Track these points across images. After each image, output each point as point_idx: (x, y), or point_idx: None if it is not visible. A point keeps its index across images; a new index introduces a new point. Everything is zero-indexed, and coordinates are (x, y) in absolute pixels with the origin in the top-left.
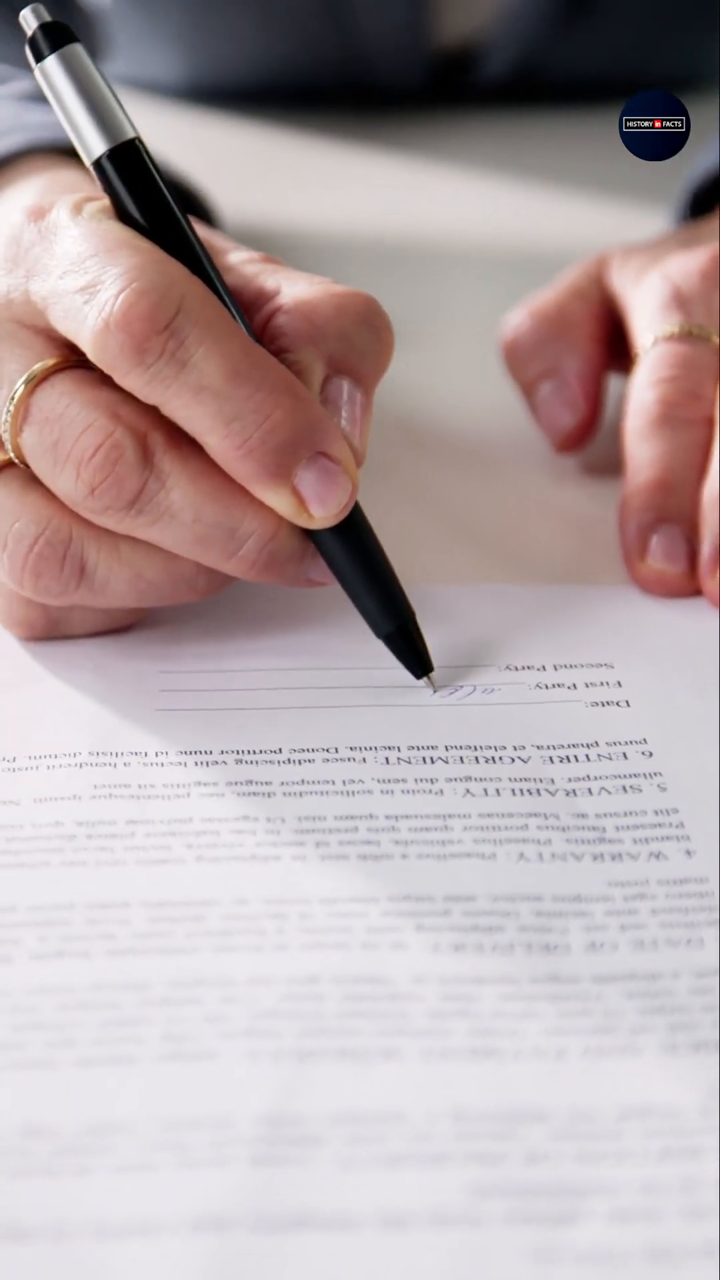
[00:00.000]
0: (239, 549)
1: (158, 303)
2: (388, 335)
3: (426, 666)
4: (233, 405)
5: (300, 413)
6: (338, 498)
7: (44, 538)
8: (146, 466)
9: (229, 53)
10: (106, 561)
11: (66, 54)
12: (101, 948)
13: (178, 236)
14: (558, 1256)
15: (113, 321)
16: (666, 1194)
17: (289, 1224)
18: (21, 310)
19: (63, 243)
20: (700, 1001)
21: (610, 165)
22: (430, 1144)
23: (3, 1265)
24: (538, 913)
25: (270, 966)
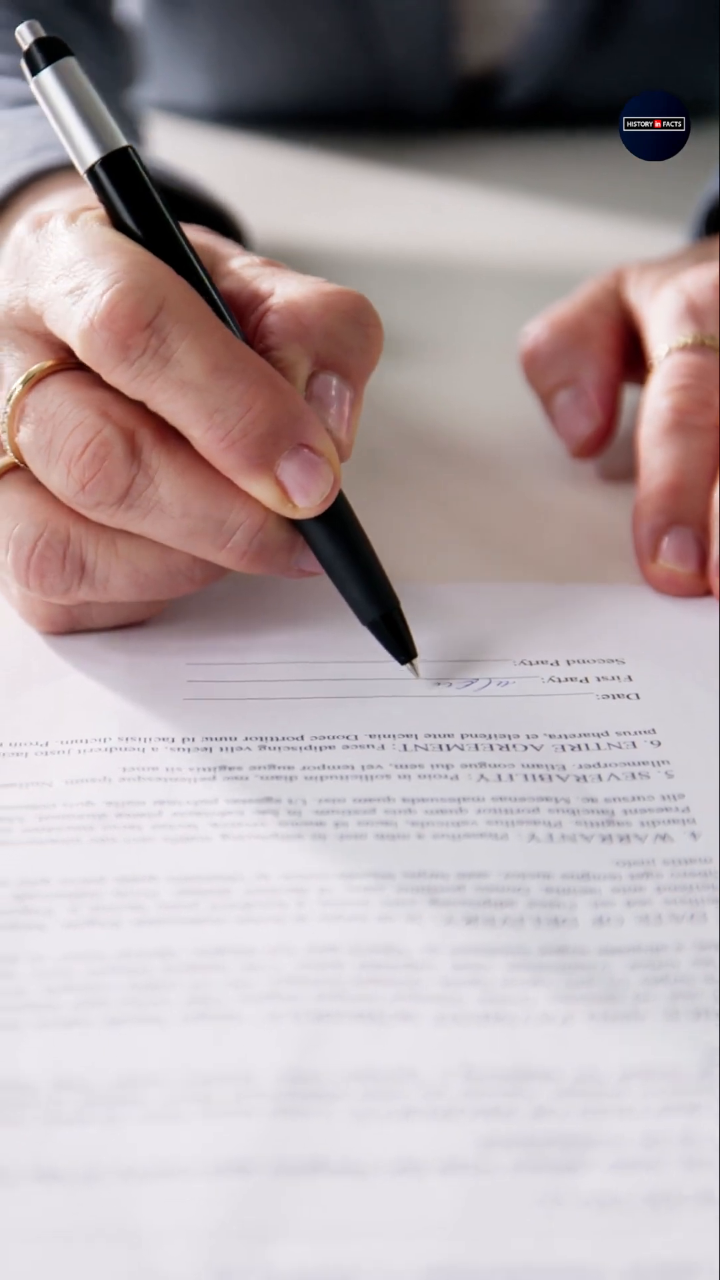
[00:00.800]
0: (229, 540)
1: (141, 300)
2: (376, 332)
3: (410, 653)
4: (215, 398)
5: (281, 405)
6: (320, 488)
7: (44, 539)
8: (134, 462)
9: (259, 76)
10: (105, 558)
11: (61, 67)
12: (130, 918)
13: (168, 240)
14: (563, 1202)
15: (97, 320)
16: (666, 1146)
17: (307, 1169)
18: (21, 316)
19: (57, 249)
20: (702, 972)
21: (628, 187)
22: (442, 1099)
23: (36, 1205)
24: (547, 889)
25: (290, 936)
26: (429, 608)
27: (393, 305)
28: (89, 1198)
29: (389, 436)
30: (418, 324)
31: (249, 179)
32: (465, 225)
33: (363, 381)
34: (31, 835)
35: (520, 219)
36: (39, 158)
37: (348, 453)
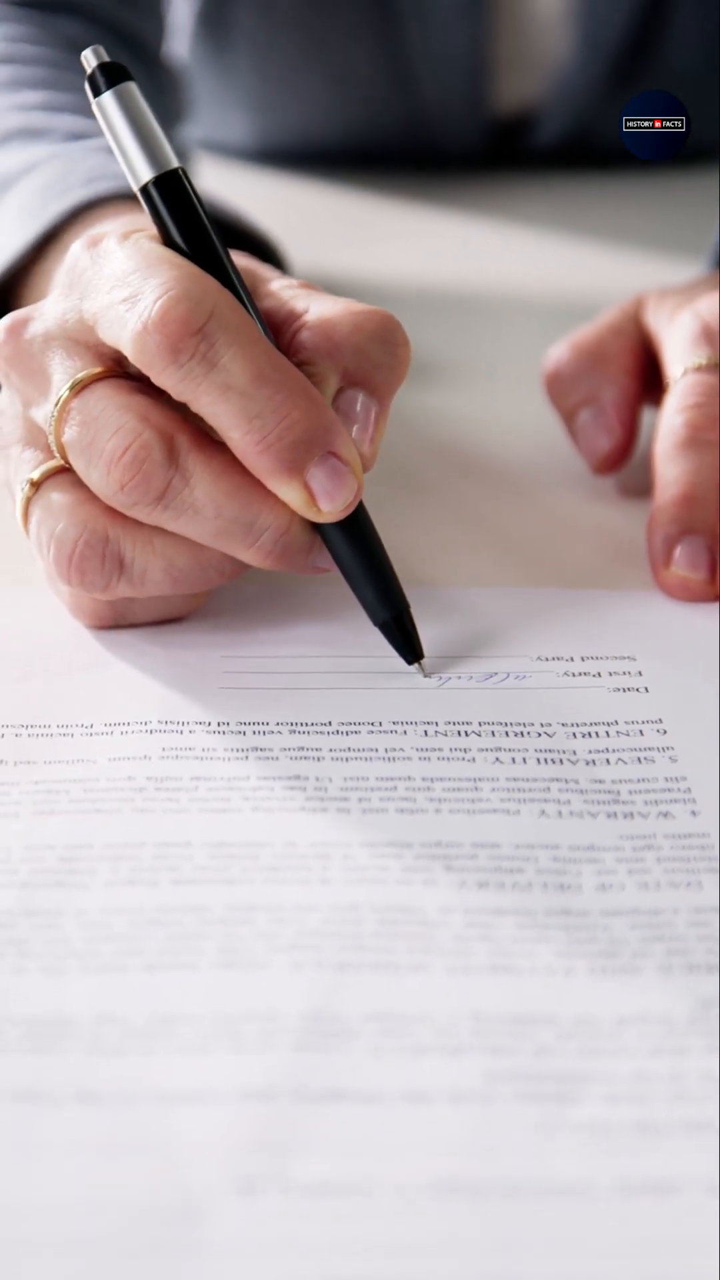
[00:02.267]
0: (257, 540)
1: (192, 309)
2: (403, 351)
3: (417, 654)
4: (255, 404)
5: (315, 415)
6: (344, 495)
7: (84, 539)
8: (172, 465)
9: (299, 116)
10: (142, 554)
11: (121, 90)
12: (167, 878)
13: (213, 256)
14: (558, 1128)
15: (150, 324)
16: (655, 1082)
17: (325, 1097)
18: (75, 328)
19: (111, 264)
20: (696, 932)
21: (653, 223)
22: (451, 1039)
23: (78, 1123)
24: (554, 858)
25: (315, 896)
26: (454, 609)
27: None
28: (125, 1118)
29: (422, 453)
30: (450, 350)
31: (290, 214)
32: (496, 259)
33: (389, 397)
34: (77, 806)
35: (549, 253)
36: (92, 187)
37: (371, 463)
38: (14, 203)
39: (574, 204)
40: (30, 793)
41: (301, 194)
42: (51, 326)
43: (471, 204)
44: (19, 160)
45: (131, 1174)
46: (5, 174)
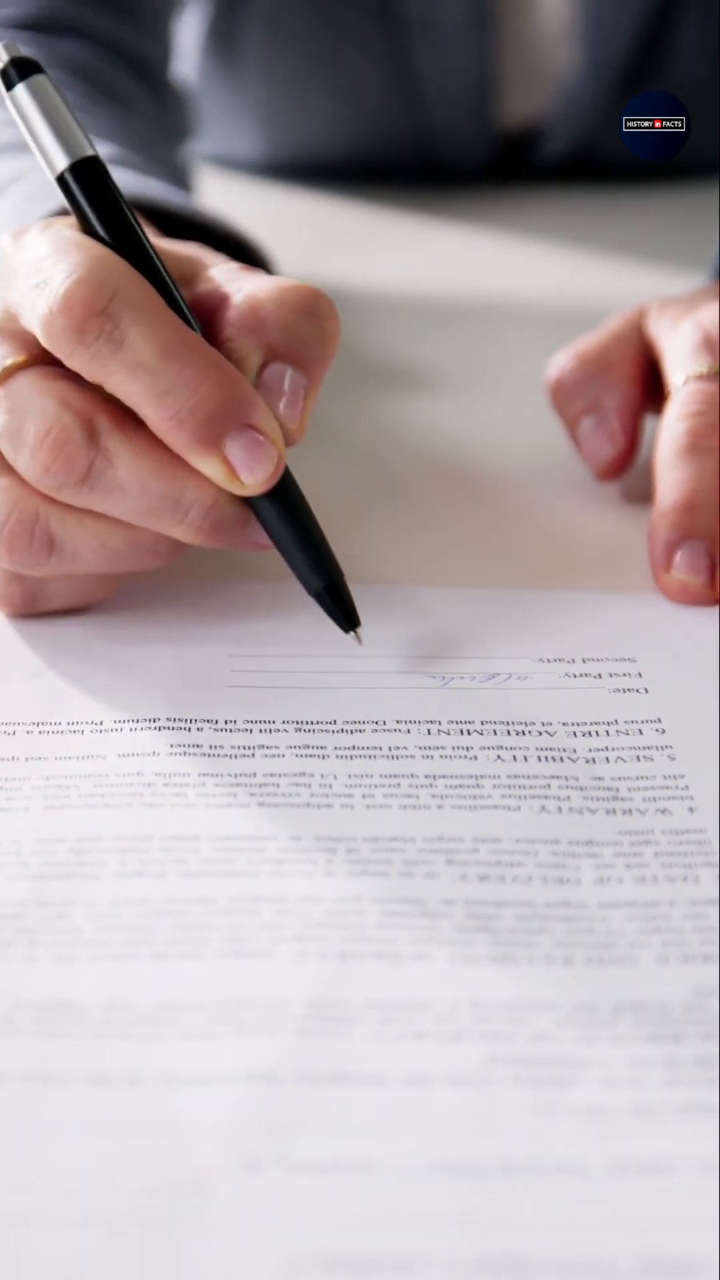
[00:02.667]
0: (185, 516)
1: (95, 290)
2: (330, 324)
3: (353, 621)
4: (164, 380)
5: (227, 387)
6: (264, 466)
7: (14, 516)
8: (93, 446)
9: (307, 131)
10: (73, 533)
11: (33, 83)
12: (174, 870)
13: (131, 240)
14: (555, 1110)
15: (55, 307)
16: (651, 1067)
17: (328, 1080)
18: (1, 319)
19: (29, 252)
20: (692, 924)
21: (657, 236)
22: (451, 1025)
23: (87, 1104)
24: (554, 853)
25: (319, 888)
26: (458, 611)
27: (431, 343)
28: (133, 1098)
29: (427, 459)
30: (455, 360)
31: (297, 227)
32: (501, 271)
33: (319, 370)
34: (86, 800)
35: (554, 265)
36: None
37: (298, 437)
38: (1, 211)
39: (579, 217)
40: (41, 788)
41: (309, 207)
42: None
43: (477, 217)
44: (5, 170)
45: (139, 1152)
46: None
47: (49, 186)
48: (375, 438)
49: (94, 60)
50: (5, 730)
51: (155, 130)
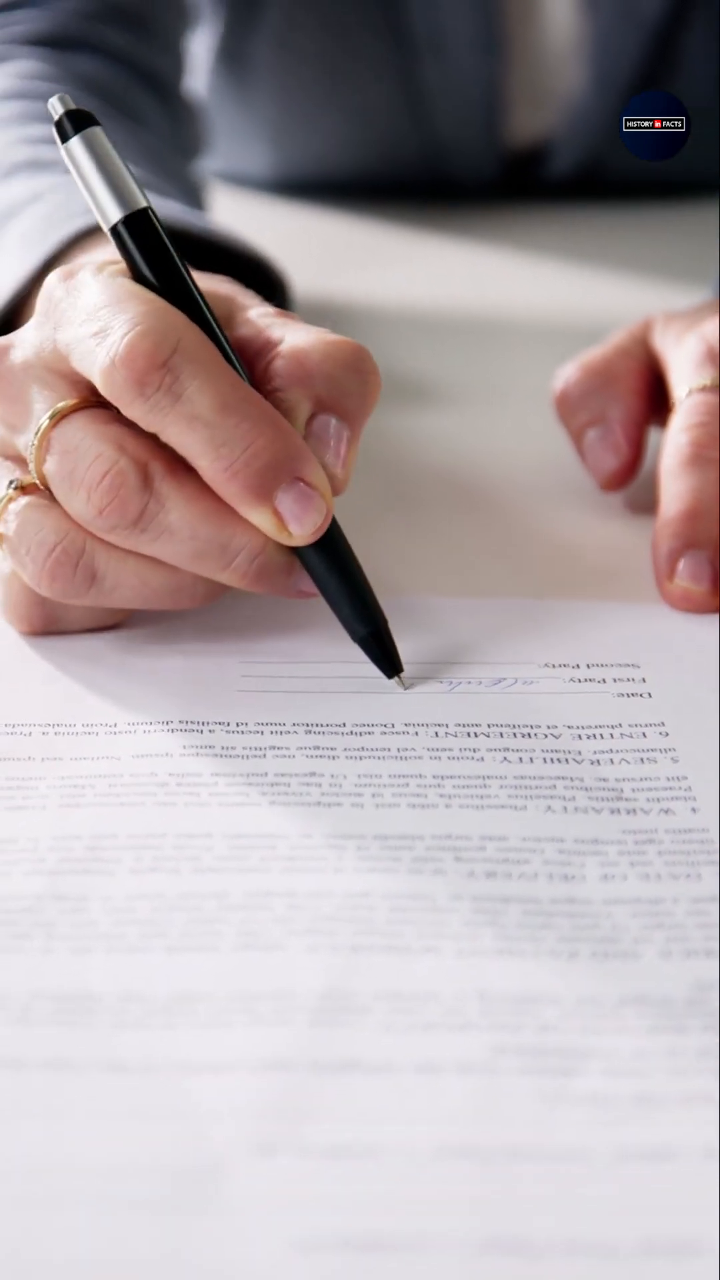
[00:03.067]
0: (231, 562)
1: (157, 343)
2: (373, 378)
3: (396, 668)
4: (221, 433)
5: (280, 442)
6: (313, 518)
7: (61, 546)
8: (147, 490)
9: (317, 148)
10: (115, 570)
11: (88, 135)
12: (188, 867)
13: (182, 290)
14: (560, 1099)
15: (118, 359)
16: (654, 1058)
17: (339, 1068)
18: (50, 358)
19: (84, 297)
20: (694, 920)
21: (662, 252)
22: (459, 1016)
23: (104, 1090)
24: (560, 850)
25: (330, 884)
26: (466, 619)
27: (439, 357)
28: (149, 1085)
29: (435, 471)
30: (462, 373)
31: (307, 243)
32: (508, 286)
33: (360, 422)
34: (101, 799)
35: (560, 281)
36: (90, 216)
37: (342, 487)
38: (17, 230)
39: (585, 233)
40: (57, 787)
41: (319, 223)
42: (30, 355)
43: (485, 233)
44: (24, 190)
45: (155, 1136)
46: (10, 203)
47: (65, 207)
48: (383, 450)
49: (108, 75)
50: (21, 731)
51: (168, 145)
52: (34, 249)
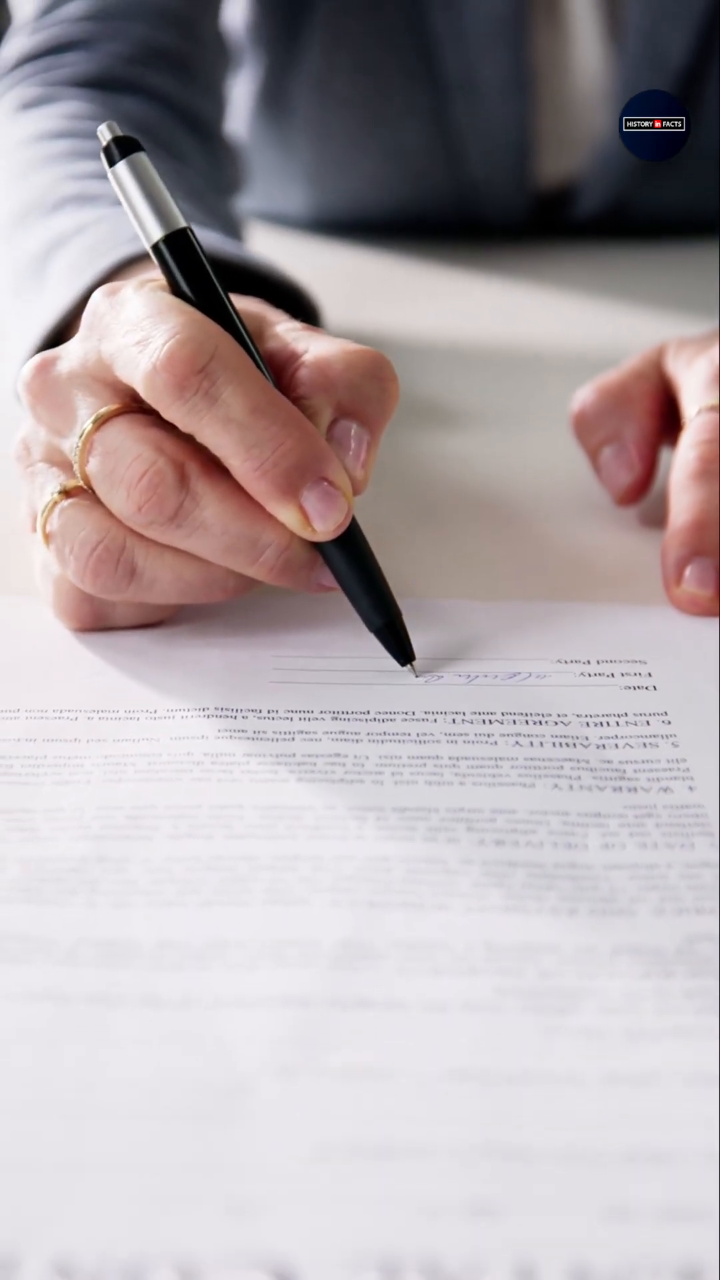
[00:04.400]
0: (260, 556)
1: (195, 351)
2: (392, 386)
3: (409, 656)
4: (253, 434)
5: (307, 444)
6: (335, 516)
7: (103, 544)
8: (183, 489)
9: (353, 188)
10: (153, 565)
11: (133, 160)
12: (221, 833)
13: (217, 303)
14: (557, 1033)
15: (159, 364)
16: (643, 999)
17: (356, 1004)
18: (95, 367)
19: (126, 310)
20: (687, 883)
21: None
22: (467, 962)
23: (143, 1022)
24: (565, 823)
25: (351, 849)
26: (486, 619)
27: (468, 385)
28: (184, 1017)
29: (463, 487)
30: (489, 401)
31: (343, 279)
32: (535, 321)
33: (380, 427)
34: (142, 775)
35: (585, 316)
36: (132, 245)
37: (362, 487)
38: (65, 259)
39: (609, 271)
40: (100, 765)
41: (353, 260)
42: (75, 365)
43: (513, 270)
44: (71, 222)
45: (188, 1060)
46: (59, 234)
47: (110, 239)
48: (413, 468)
49: (152, 117)
50: (68, 716)
51: (208, 183)
52: (80, 275)
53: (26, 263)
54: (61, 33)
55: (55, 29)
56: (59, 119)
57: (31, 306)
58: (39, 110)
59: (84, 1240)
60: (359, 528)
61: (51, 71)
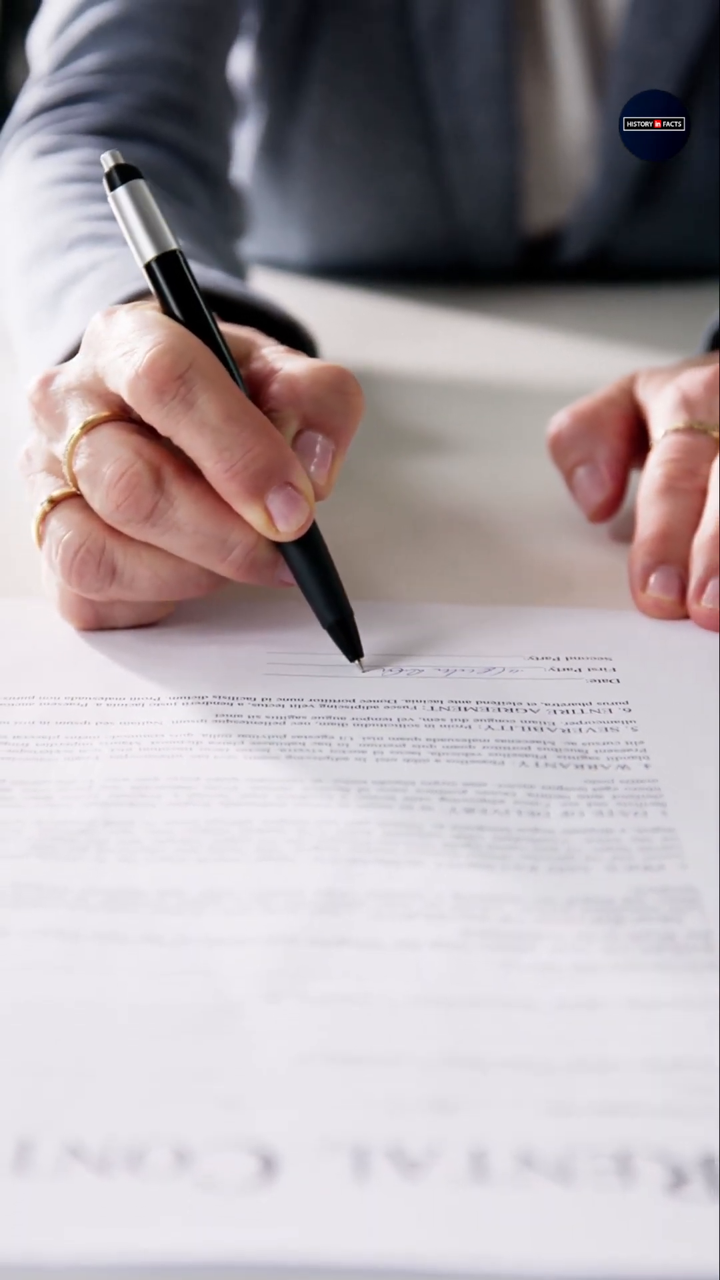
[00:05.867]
0: (229, 555)
1: (175, 359)
2: (356, 400)
3: (357, 653)
4: (225, 439)
5: (274, 451)
6: (297, 518)
7: (85, 546)
8: (158, 490)
9: (350, 234)
10: (132, 564)
11: (132, 186)
12: (217, 801)
13: (201, 321)
14: (514, 967)
15: (141, 370)
16: (594, 940)
17: (334, 943)
18: (90, 381)
19: (117, 328)
20: (638, 845)
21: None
22: (436, 909)
23: (146, 957)
24: (530, 794)
25: (335, 815)
26: (467, 622)
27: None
28: (181, 953)
29: (451, 507)
30: (476, 430)
31: (341, 321)
32: (522, 359)
33: (345, 437)
34: (146, 752)
35: (569, 354)
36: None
37: (325, 493)
38: (79, 293)
39: (593, 313)
40: (108, 744)
41: (351, 301)
42: (72, 379)
43: (502, 312)
44: (85, 260)
45: (186, 988)
46: (74, 270)
47: (122, 274)
48: (402, 489)
49: (161, 163)
50: (79, 702)
51: (214, 226)
52: (93, 307)
53: (42, 297)
54: (76, 85)
55: (70, 81)
56: (74, 165)
57: (46, 337)
58: (55, 157)
59: (92, 1128)
60: (319, 532)
61: (67, 121)
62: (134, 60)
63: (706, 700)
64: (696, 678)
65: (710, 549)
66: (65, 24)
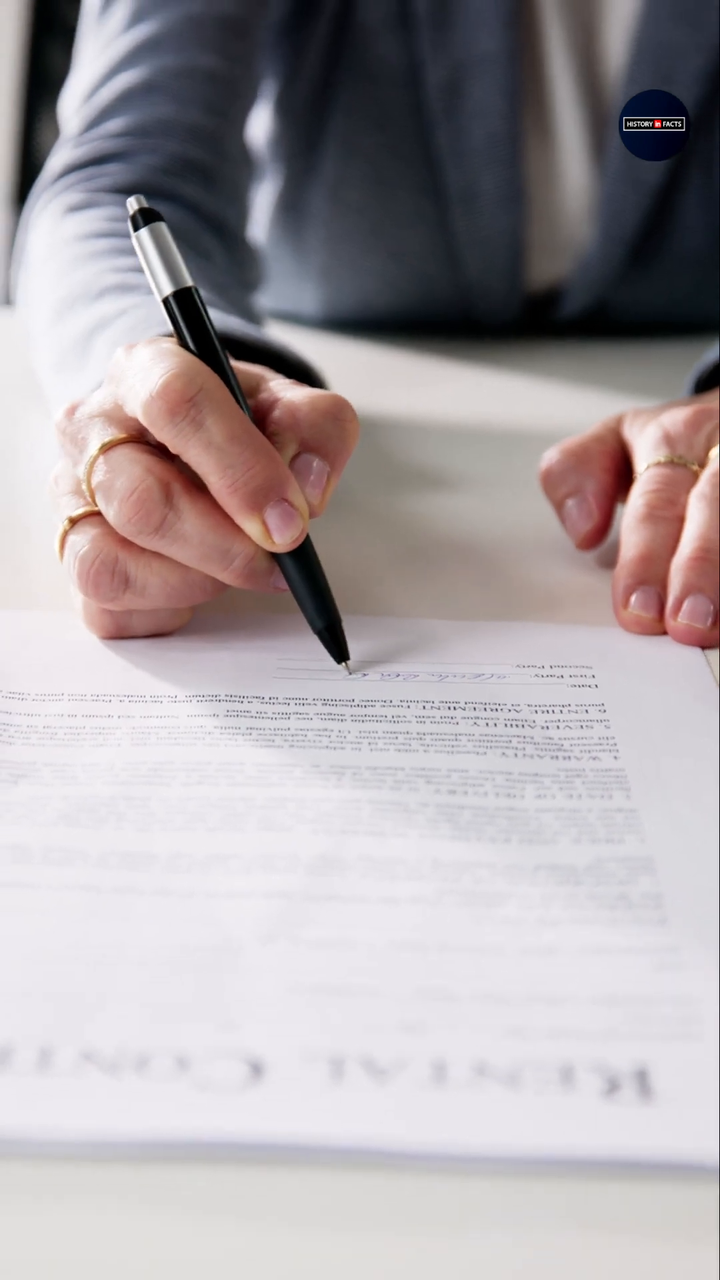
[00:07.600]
0: (230, 564)
1: (186, 384)
2: (351, 425)
3: (344, 656)
4: (229, 457)
5: (273, 470)
6: (291, 531)
7: (100, 558)
8: (167, 504)
9: (361, 289)
10: (143, 573)
11: (154, 228)
12: (225, 781)
13: (212, 352)
14: (484, 920)
15: (154, 393)
16: (555, 900)
17: (325, 898)
18: (110, 408)
19: (137, 360)
20: (602, 823)
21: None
22: (417, 872)
23: (156, 908)
24: (507, 780)
25: (330, 794)
26: (463, 636)
27: (455, 457)
28: (191, 904)
29: (444, 535)
30: (474, 469)
31: (352, 370)
32: (523, 407)
33: (339, 460)
34: (163, 740)
35: (567, 402)
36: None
37: (319, 511)
38: (107, 337)
39: (590, 365)
40: (128, 734)
41: (362, 353)
42: (94, 407)
43: (505, 364)
44: (114, 307)
45: (192, 932)
46: (103, 317)
47: (147, 320)
48: (405, 520)
49: (182, 221)
50: (103, 699)
51: (231, 279)
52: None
53: (72, 341)
54: (103, 146)
55: (97, 143)
56: (101, 221)
57: (75, 378)
58: (84, 213)
59: (105, 1039)
60: (311, 544)
61: (94, 180)
62: (158, 124)
63: (675, 703)
64: (669, 685)
65: (686, 570)
66: (94, 89)
